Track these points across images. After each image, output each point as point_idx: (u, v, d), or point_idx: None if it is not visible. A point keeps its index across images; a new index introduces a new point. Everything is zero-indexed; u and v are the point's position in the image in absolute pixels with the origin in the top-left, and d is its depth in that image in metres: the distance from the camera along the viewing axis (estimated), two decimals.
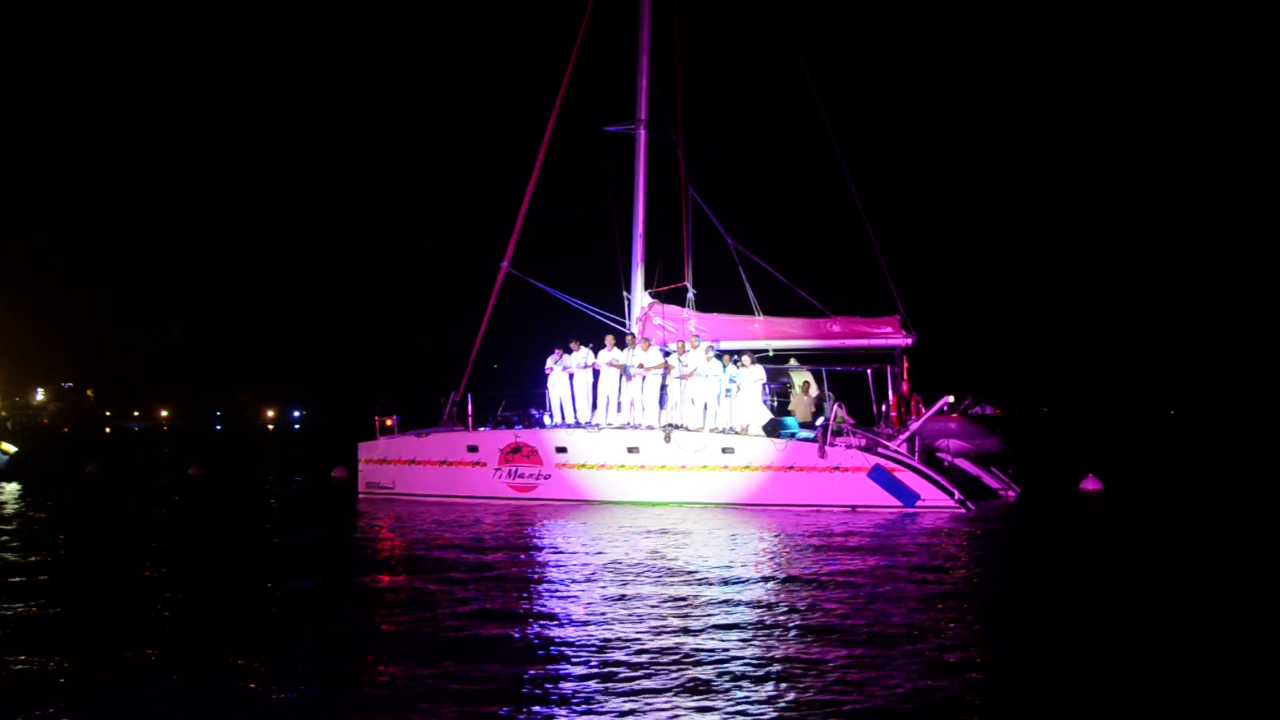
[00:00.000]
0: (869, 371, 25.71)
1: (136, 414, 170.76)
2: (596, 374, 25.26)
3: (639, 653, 9.99)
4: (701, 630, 10.97)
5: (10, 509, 26.09)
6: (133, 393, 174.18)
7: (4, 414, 68.33)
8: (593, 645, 10.34)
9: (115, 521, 23.37)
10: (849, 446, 23.12)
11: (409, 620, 11.83)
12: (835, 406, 24.41)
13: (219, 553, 18.27)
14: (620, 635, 10.73)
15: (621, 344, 25.41)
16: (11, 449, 42.26)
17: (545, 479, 24.77)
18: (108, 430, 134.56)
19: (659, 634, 10.78)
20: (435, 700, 8.59)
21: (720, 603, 12.54)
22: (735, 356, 24.76)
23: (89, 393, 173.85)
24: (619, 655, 9.91)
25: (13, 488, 33.19)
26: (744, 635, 10.76)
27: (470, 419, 26.18)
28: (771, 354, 26.16)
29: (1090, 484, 28.03)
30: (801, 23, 27.08)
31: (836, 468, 22.84)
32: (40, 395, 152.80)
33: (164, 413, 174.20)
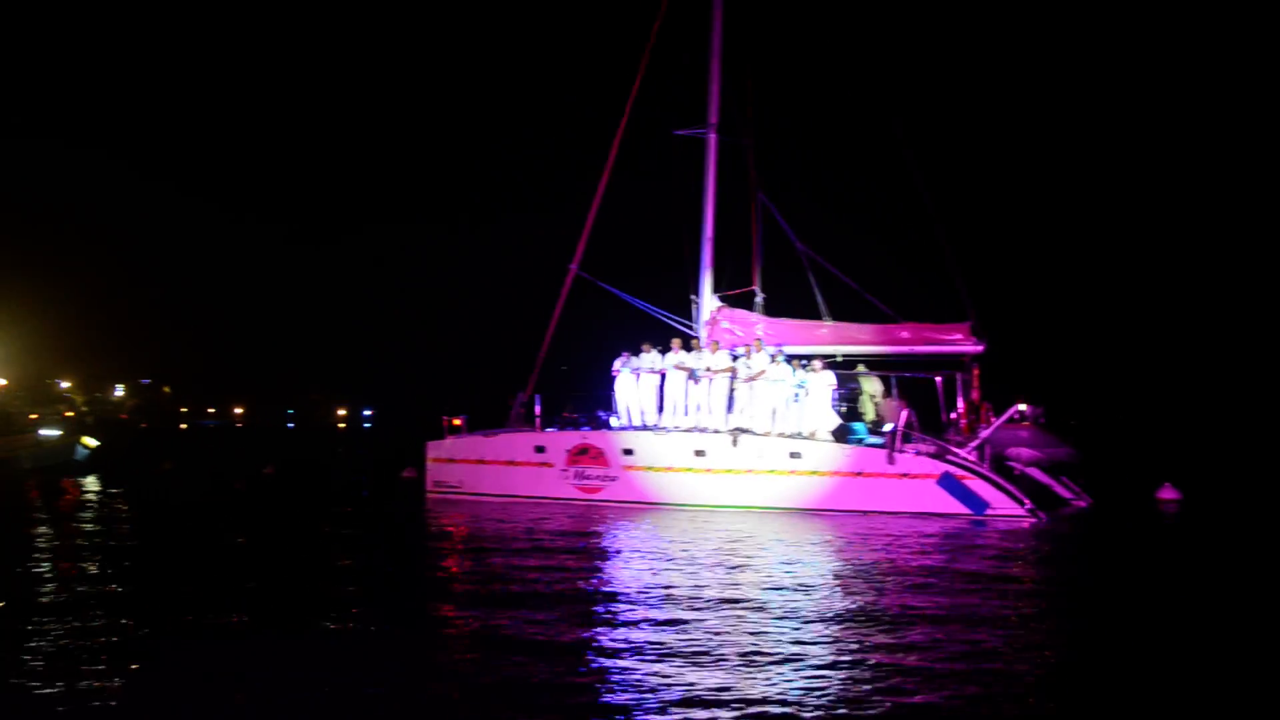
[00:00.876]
0: (938, 378, 25.46)
1: (212, 411, 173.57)
2: (664, 377, 25.29)
3: (699, 653, 9.99)
4: (765, 634, 10.94)
5: (89, 502, 26.74)
6: (209, 390, 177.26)
7: (85, 409, 69.71)
8: (654, 648, 10.35)
9: (187, 518, 23.80)
10: (918, 453, 22.91)
11: (474, 619, 11.93)
12: (904, 413, 24.20)
13: (287, 551, 18.54)
14: (682, 636, 10.73)
15: (689, 347, 25.43)
16: (92, 443, 43.10)
17: (611, 480, 24.84)
18: (183, 426, 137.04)
19: (720, 636, 10.77)
20: (499, 699, 8.67)
21: (784, 609, 12.46)
22: (804, 361, 24.66)
23: (166, 389, 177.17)
24: (680, 657, 9.92)
25: (92, 481, 33.97)
26: (807, 642, 10.70)
27: (538, 420, 26.33)
28: (840, 359, 26.00)
29: (1167, 493, 27.26)
30: (872, 25, 26.96)
31: (905, 474, 22.64)
32: (119, 391, 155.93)
33: (238, 410, 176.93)
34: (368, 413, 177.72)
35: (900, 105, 26.69)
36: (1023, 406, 24.69)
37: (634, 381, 25.60)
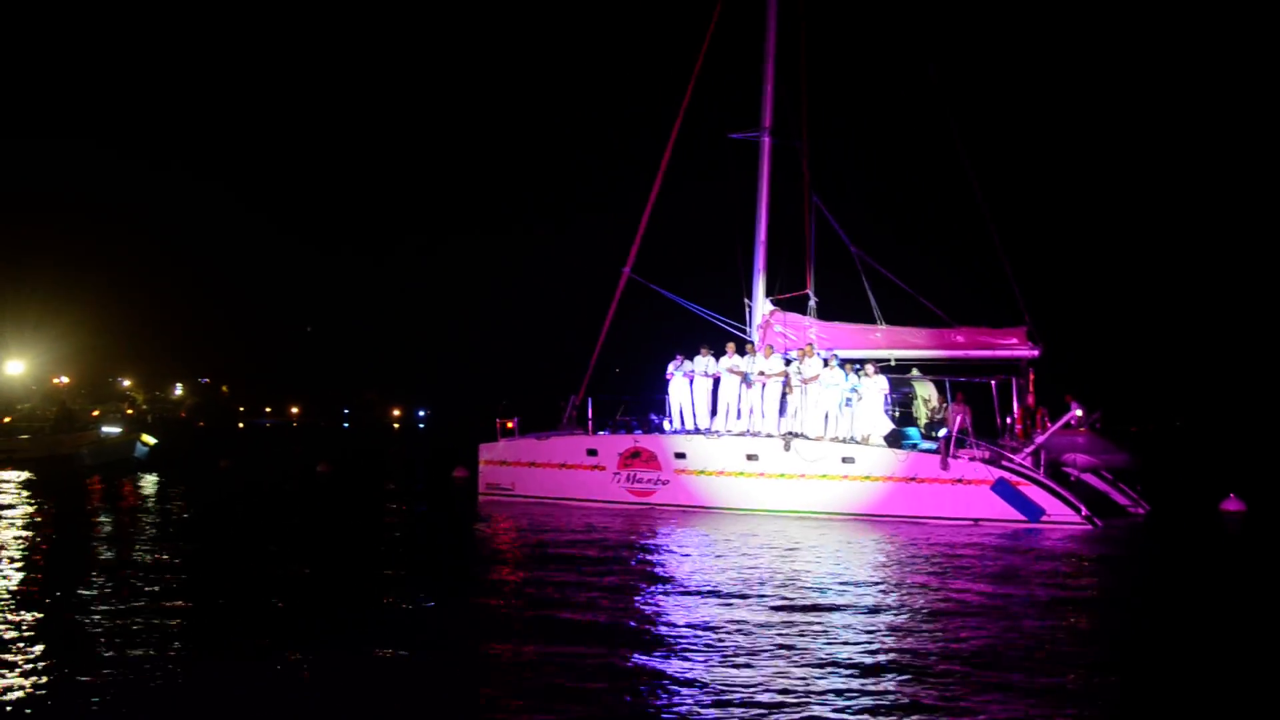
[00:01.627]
0: (993, 383, 25.22)
1: (269, 410, 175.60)
2: (717, 380, 25.27)
3: (749, 660, 9.98)
4: (816, 641, 10.89)
5: (148, 499, 27.20)
6: (265, 389, 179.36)
7: (145, 407, 70.88)
8: (703, 652, 10.35)
9: (242, 516, 24.13)
10: (972, 459, 22.71)
11: (524, 620, 12.00)
12: (958, 418, 23.97)
13: (340, 550, 18.74)
14: (731, 641, 10.73)
15: (742, 351, 25.38)
16: (152, 441, 43.79)
17: (663, 484, 24.85)
18: (241, 425, 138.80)
19: (770, 641, 10.75)
20: (550, 701, 8.71)
21: (836, 616, 12.41)
22: (858, 365, 24.53)
23: (224, 388, 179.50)
24: (729, 662, 9.91)
25: (151, 478, 34.55)
26: (856, 649, 10.65)
27: (590, 423, 26.40)
28: (893, 363, 25.84)
29: (1231, 504, 26.50)
30: (925, 26, 26.77)
31: (959, 480, 22.46)
32: (179, 390, 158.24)
33: (295, 409, 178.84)
34: (422, 413, 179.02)
35: (955, 106, 26.48)
36: (1079, 411, 24.38)
37: (687, 385, 25.61)
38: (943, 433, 23.36)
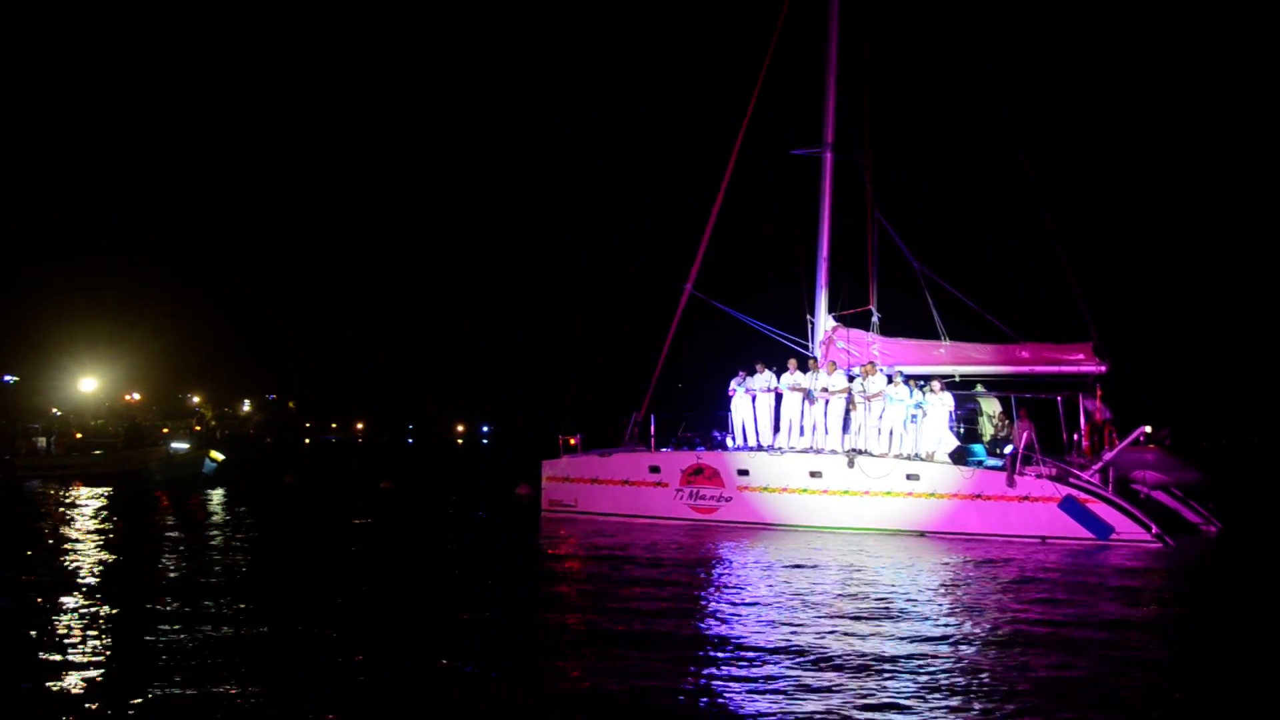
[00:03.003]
0: (1059, 399, 24.91)
1: (334, 426, 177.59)
2: (779, 397, 25.21)
3: (813, 677, 9.95)
4: (877, 659, 10.83)
5: (215, 513, 27.65)
6: (331, 405, 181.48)
7: (213, 424, 71.99)
8: (768, 670, 10.34)
9: (307, 532, 24.43)
10: (1039, 476, 22.44)
11: (587, 634, 12.05)
12: (1025, 434, 23.70)
13: (403, 566, 18.91)
14: (796, 658, 10.70)
15: (804, 367, 25.31)
16: (220, 457, 44.48)
17: (726, 501, 24.82)
18: (307, 441, 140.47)
19: (833, 661, 10.71)
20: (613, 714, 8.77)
21: (901, 636, 12.33)
22: (922, 382, 24.36)
23: (290, 405, 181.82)
24: (792, 679, 9.89)
25: (218, 493, 35.11)
26: (920, 670, 10.57)
27: (653, 439, 26.44)
28: (957, 380, 25.62)
29: None
30: (989, 39, 26.57)
31: (1026, 497, 22.21)
32: (246, 406, 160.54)
33: (360, 425, 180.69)
34: (485, 429, 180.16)
35: (1018, 117, 26.25)
36: (1148, 428, 24.00)
37: (749, 402, 25.58)
38: (1008, 449, 23.13)
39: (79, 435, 48.06)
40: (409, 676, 10.21)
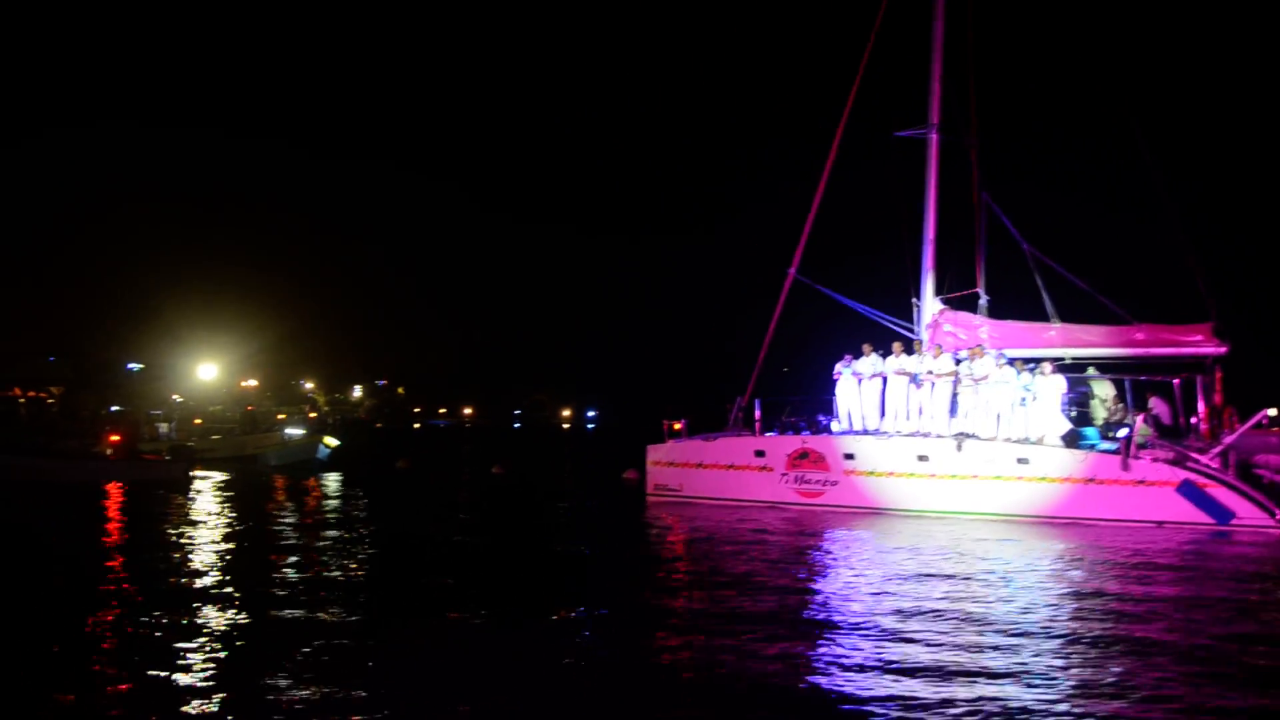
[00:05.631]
0: (1176, 381, 24.31)
1: (443, 411, 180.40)
2: (885, 381, 25.01)
3: (917, 669, 9.92)
4: (988, 654, 10.72)
5: (331, 498, 28.40)
6: (440, 390, 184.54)
7: (326, 409, 73.67)
8: (882, 652, 10.33)
9: (423, 515, 24.95)
10: (1155, 459, 21.94)
11: (692, 621, 12.14)
12: (1139, 418, 23.20)
13: (512, 548, 19.22)
14: (903, 649, 10.67)
15: (910, 350, 25.08)
16: (334, 443, 45.45)
17: (832, 485, 24.72)
18: (416, 426, 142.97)
19: (942, 647, 10.66)
20: (723, 698, 8.83)
21: (1010, 626, 12.17)
22: (1032, 365, 23.95)
23: (400, 390, 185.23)
24: (901, 668, 9.88)
25: (334, 478, 35.99)
26: (1033, 659, 10.44)
27: (757, 424, 26.42)
28: (1069, 362, 25.13)
29: None
30: (1100, 14, 25.92)
31: (1141, 481, 21.74)
32: (357, 392, 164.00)
33: (468, 410, 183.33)
34: (591, 414, 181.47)
35: (1134, 97, 25.57)
36: (1272, 411, 23.30)
37: (855, 385, 25.42)
38: (1123, 433, 22.66)
39: (198, 421, 49.40)
40: (514, 661, 10.40)
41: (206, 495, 28.66)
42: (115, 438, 35.18)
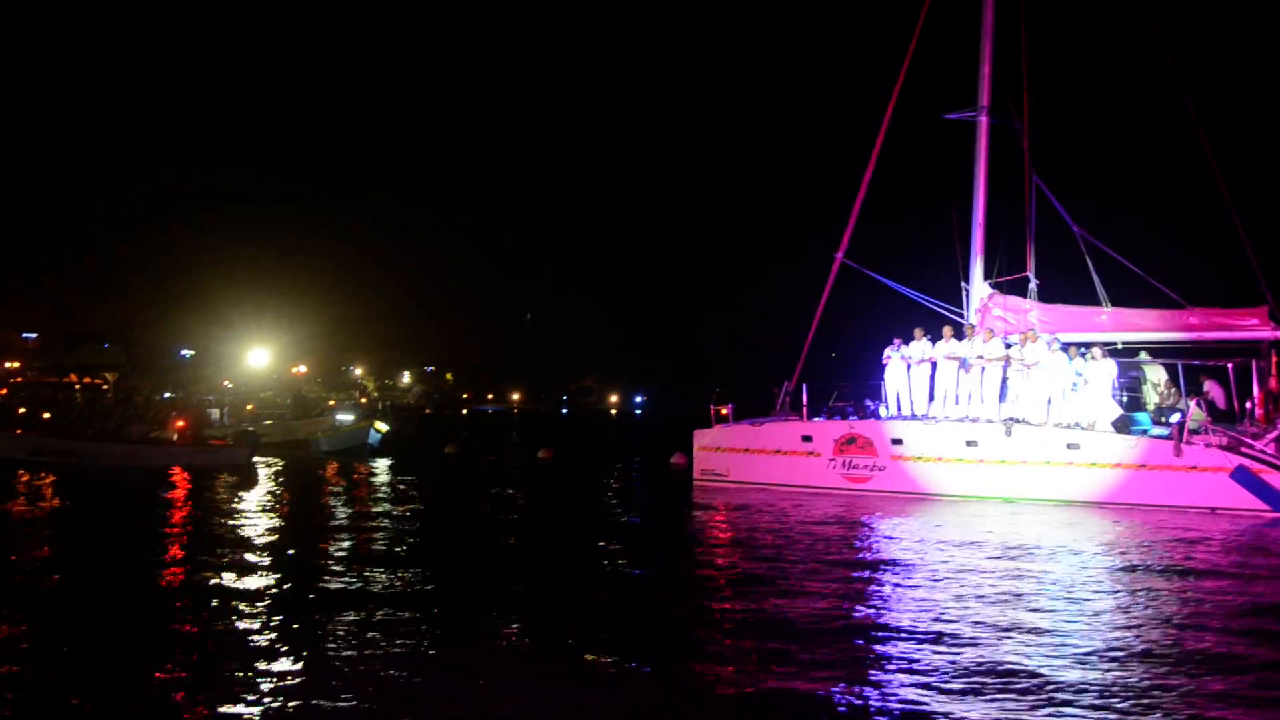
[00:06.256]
0: (1230, 366, 23.99)
1: (490, 397, 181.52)
2: (934, 365, 24.87)
3: (966, 652, 9.91)
4: (1037, 635, 10.70)
5: (382, 483, 28.69)
6: (488, 376, 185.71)
7: (376, 395, 74.32)
8: (924, 646, 10.31)
9: (472, 499, 25.16)
10: (1209, 445, 21.67)
11: (736, 606, 12.18)
12: (1193, 402, 22.92)
13: (562, 533, 19.34)
14: (953, 633, 10.66)
15: (959, 335, 24.92)
16: (384, 428, 45.76)
17: (880, 470, 24.64)
18: (464, 412, 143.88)
19: (991, 634, 10.62)
20: (770, 683, 8.86)
21: (1060, 609, 12.13)
22: (1083, 349, 23.72)
23: (449, 376, 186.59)
24: (949, 656, 9.86)
25: (384, 463, 36.35)
26: (1083, 648, 10.34)
27: (805, 408, 26.37)
28: (1120, 347, 24.87)
29: None
30: None
31: (1194, 467, 21.48)
32: (406, 378, 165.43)
33: (515, 396, 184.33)
34: (639, 399, 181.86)
35: (1188, 78, 25.17)
36: None
37: (903, 370, 25.30)
38: (1175, 418, 22.39)
39: (250, 407, 49.93)
40: (561, 643, 10.49)
41: (269, 480, 29.04)
42: (181, 423, 35.74)
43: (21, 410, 48.63)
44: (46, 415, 44.99)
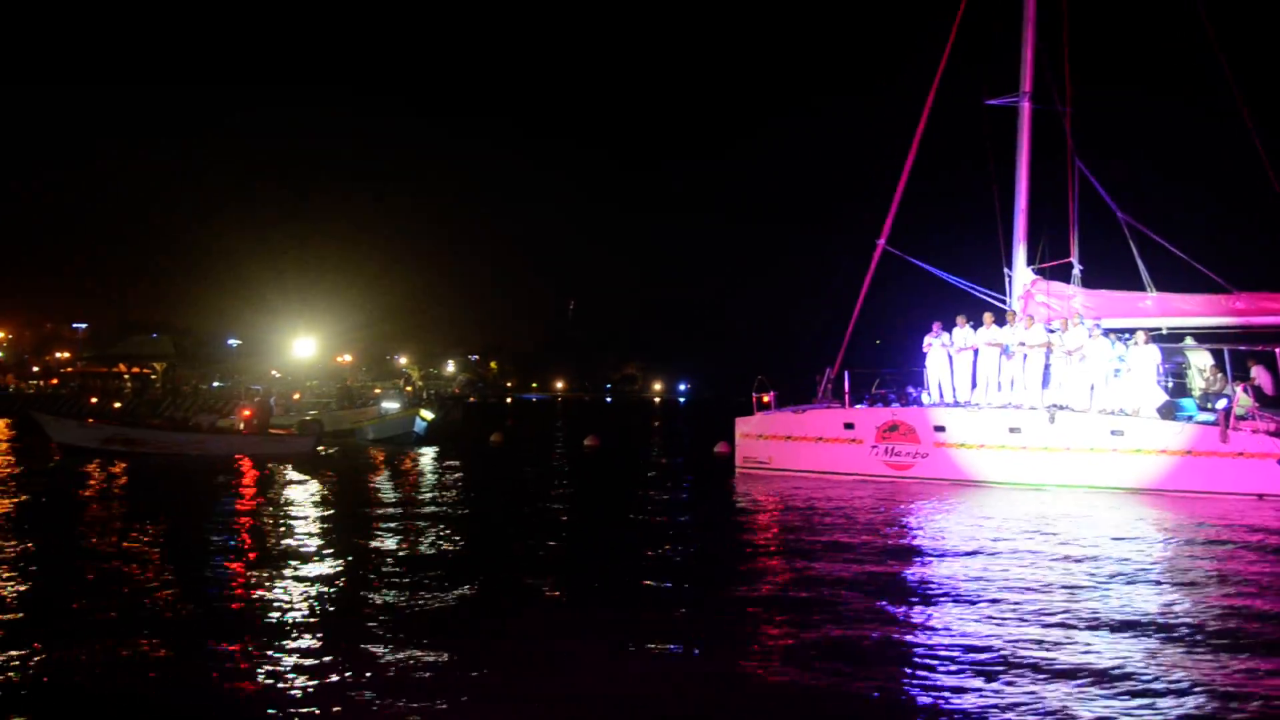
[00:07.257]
0: (1278, 351, 23.75)
1: (535, 385, 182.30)
2: (976, 352, 24.81)
3: (1009, 640, 9.98)
4: (1080, 626, 10.72)
5: (429, 471, 29.01)
6: (532, 365, 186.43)
7: (421, 384, 74.78)
8: (965, 637, 10.37)
9: (517, 487, 25.39)
10: (1255, 431, 21.51)
11: (778, 594, 12.30)
12: (1240, 388, 22.73)
13: (606, 521, 19.52)
14: (994, 623, 10.72)
15: (1001, 321, 24.84)
16: (430, 417, 46.12)
17: (922, 457, 24.64)
18: (509, 400, 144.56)
19: (1031, 623, 10.68)
20: (814, 673, 8.98)
21: (1105, 595, 12.15)
22: (1126, 335, 23.59)
23: (493, 364, 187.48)
24: (991, 645, 9.94)
25: (429, 451, 36.70)
26: (1127, 635, 10.37)
27: (847, 396, 26.38)
28: (1165, 332, 24.69)
29: None
30: None
31: (1241, 453, 21.33)
32: (450, 367, 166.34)
33: (559, 384, 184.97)
34: (683, 387, 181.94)
35: (1235, 61, 24.89)
36: None
37: (945, 357, 25.26)
38: (1221, 404, 22.23)
39: (297, 396, 50.43)
40: (606, 631, 10.65)
41: (331, 469, 29.41)
42: (247, 413, 36.32)
43: (94, 400, 49.59)
44: (117, 405, 45.91)
